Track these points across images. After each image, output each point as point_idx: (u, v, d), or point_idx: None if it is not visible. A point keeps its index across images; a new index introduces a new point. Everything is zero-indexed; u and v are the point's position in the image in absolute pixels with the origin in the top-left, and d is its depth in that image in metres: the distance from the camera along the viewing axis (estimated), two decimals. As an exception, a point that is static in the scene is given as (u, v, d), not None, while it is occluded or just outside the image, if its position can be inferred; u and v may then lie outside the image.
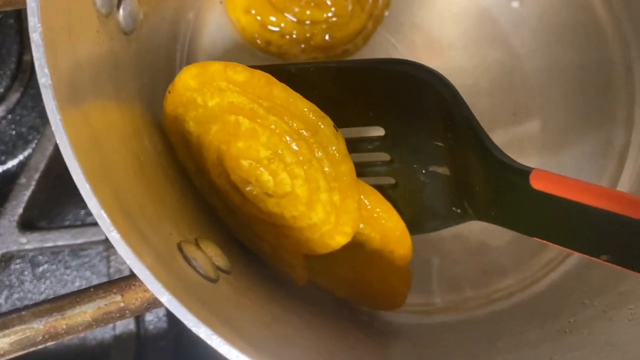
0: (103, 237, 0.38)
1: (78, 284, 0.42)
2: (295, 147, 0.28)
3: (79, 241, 0.38)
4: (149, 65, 0.33)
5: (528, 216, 0.27)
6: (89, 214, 0.42)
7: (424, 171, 0.31)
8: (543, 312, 0.37)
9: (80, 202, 0.42)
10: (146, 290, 0.23)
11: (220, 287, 0.26)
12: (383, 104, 0.31)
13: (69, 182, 0.40)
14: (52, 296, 0.40)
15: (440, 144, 0.30)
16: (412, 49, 0.39)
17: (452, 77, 0.39)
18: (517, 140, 0.39)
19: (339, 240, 0.30)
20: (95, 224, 0.38)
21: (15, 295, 0.41)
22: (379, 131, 0.32)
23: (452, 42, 0.39)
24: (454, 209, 0.31)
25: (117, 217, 0.21)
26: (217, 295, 0.25)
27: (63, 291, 0.41)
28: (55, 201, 0.42)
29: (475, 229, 0.38)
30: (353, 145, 0.31)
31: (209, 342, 0.20)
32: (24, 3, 0.21)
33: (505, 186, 0.28)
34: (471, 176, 0.30)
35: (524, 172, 0.27)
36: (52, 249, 0.40)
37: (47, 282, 0.42)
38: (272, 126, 0.28)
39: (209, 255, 0.28)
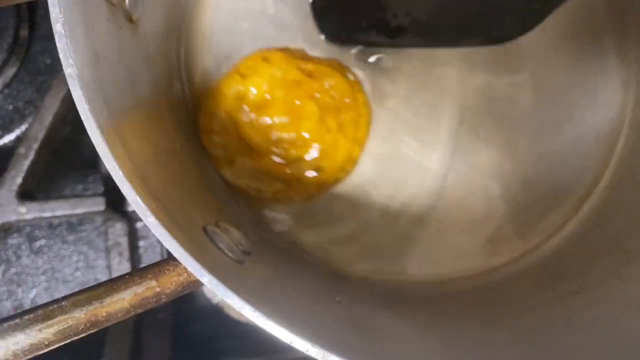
0: (102, 208, 0.38)
1: (76, 259, 0.42)
2: None
3: (78, 211, 0.38)
4: (153, 52, 0.33)
5: None
6: (86, 188, 0.42)
7: None
8: (551, 275, 0.38)
9: (77, 177, 0.42)
10: (180, 274, 0.23)
11: (247, 267, 0.26)
12: None
13: (63, 158, 0.40)
14: (50, 271, 0.40)
15: None
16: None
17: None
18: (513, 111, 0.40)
19: None
20: (91, 195, 0.38)
21: (13, 270, 0.41)
22: None
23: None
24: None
25: (150, 202, 0.21)
26: (247, 274, 0.25)
27: (60, 266, 0.41)
28: (52, 176, 0.41)
29: (480, 198, 0.39)
30: None
31: (251, 318, 0.20)
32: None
33: None
34: None
35: None
36: (50, 221, 0.40)
37: (45, 257, 0.41)
38: None
39: (232, 238, 0.28)
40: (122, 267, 0.40)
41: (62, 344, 0.21)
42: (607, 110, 0.40)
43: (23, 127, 0.41)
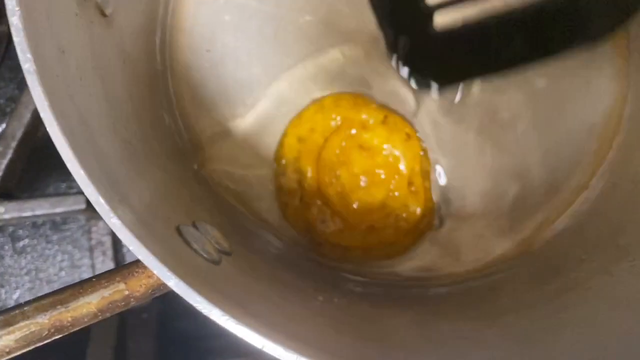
0: (83, 207, 0.36)
1: (60, 258, 0.41)
2: None
3: (58, 210, 0.36)
4: (130, 48, 0.32)
5: None
6: (70, 187, 0.41)
7: None
8: (542, 272, 0.37)
9: (60, 176, 0.41)
10: (150, 276, 0.22)
11: (223, 268, 0.25)
12: None
13: (47, 155, 0.39)
14: (34, 271, 0.40)
15: None
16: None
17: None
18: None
19: None
20: (74, 193, 0.37)
21: (-5, 271, 0.40)
22: None
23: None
24: None
25: (115, 203, 0.20)
26: (222, 277, 0.24)
27: (44, 266, 0.41)
28: (34, 175, 0.40)
29: (472, 193, 0.38)
30: None
31: (220, 323, 0.20)
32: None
33: None
34: None
35: None
36: (32, 220, 0.39)
37: (28, 256, 0.41)
38: None
39: (208, 238, 0.27)
40: (105, 266, 0.39)
41: (25, 350, 0.20)
42: (601, 103, 0.39)
43: (4, 125, 0.39)
